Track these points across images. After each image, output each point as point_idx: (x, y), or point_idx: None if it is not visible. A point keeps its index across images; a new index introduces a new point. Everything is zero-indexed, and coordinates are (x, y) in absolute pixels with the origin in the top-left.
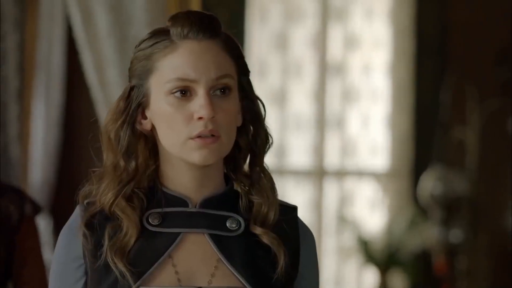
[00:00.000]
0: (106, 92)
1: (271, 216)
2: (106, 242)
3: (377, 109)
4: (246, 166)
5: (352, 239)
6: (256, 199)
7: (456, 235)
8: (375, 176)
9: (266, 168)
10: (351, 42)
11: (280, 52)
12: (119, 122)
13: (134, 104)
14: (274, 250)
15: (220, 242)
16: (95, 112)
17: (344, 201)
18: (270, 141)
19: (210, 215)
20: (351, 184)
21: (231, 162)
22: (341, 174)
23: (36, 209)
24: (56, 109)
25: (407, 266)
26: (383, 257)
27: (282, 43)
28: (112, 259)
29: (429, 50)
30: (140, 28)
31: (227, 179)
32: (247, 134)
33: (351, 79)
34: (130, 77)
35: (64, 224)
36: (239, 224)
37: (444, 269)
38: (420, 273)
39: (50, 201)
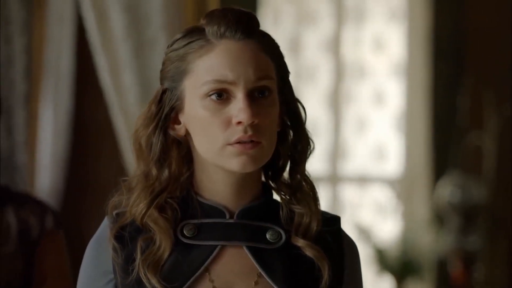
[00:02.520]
0: (121, 96)
1: (314, 227)
2: (138, 256)
3: (392, 114)
4: (286, 174)
5: (367, 247)
6: (297, 209)
7: (474, 242)
8: (391, 182)
9: (308, 175)
10: (366, 45)
11: (293, 56)
12: (150, 128)
13: (166, 108)
14: (317, 264)
15: (260, 255)
16: (109, 117)
17: (359, 207)
18: (312, 147)
19: (249, 227)
20: (366, 190)
21: (270, 169)
22: (355, 180)
23: (58, 222)
24: (64, 114)
25: (423, 275)
26: (399, 265)
27: (295, 46)
28: (145, 275)
29: (446, 54)
30: (157, 30)
31: (265, 187)
32: (287, 139)
33: (366, 83)
34: (162, 79)
35: (72, 230)
36: (280, 236)
37: (462, 277)
38: (437, 281)
39: (58, 208)
